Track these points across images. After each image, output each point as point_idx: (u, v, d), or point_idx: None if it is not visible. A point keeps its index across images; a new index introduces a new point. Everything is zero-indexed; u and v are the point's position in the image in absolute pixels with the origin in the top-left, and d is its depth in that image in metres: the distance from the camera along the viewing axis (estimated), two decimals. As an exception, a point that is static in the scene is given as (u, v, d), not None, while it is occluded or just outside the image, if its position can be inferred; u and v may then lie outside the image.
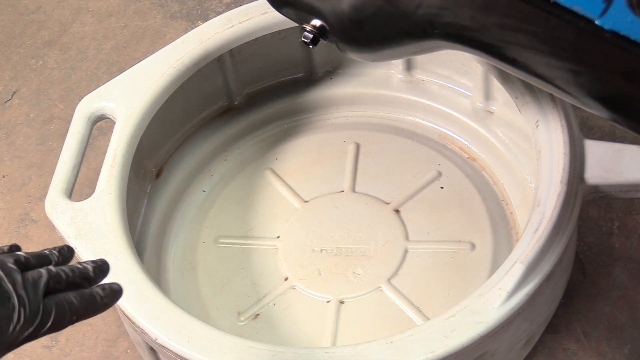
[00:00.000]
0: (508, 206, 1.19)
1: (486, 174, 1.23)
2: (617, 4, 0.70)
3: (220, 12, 1.53)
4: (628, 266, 1.18)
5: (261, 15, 1.18)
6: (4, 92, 1.48)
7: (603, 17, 0.71)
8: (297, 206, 1.21)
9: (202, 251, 1.19)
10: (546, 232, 0.93)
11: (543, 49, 0.78)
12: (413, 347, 0.88)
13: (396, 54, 0.93)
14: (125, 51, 1.52)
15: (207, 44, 1.16)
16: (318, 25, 0.92)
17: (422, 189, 1.21)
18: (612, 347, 1.12)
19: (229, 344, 0.91)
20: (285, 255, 1.16)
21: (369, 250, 1.15)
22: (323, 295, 1.12)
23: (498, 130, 1.22)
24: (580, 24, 0.72)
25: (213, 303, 1.14)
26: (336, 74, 1.31)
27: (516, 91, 1.05)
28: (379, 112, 1.31)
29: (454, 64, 1.24)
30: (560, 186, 0.96)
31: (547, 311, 1.04)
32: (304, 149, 1.28)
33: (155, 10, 1.58)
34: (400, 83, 1.29)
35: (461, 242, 1.15)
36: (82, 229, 1.01)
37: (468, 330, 0.89)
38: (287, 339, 1.09)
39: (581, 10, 0.71)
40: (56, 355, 1.18)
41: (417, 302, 1.10)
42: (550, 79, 0.81)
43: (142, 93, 1.12)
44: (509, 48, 0.81)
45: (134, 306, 0.94)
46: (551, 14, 0.73)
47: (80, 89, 1.47)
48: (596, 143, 1.02)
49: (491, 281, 0.92)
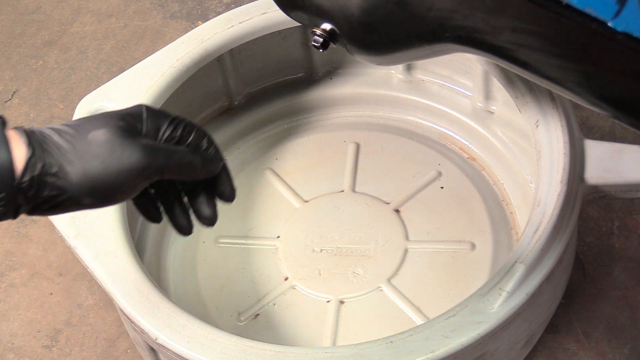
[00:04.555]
0: (508, 206, 1.19)
1: (486, 174, 1.23)
2: (631, 6, 0.69)
3: (220, 12, 1.53)
4: (628, 266, 1.19)
5: (261, 15, 1.18)
6: (4, 92, 1.48)
7: (616, 19, 0.70)
8: (297, 206, 1.21)
9: (202, 251, 1.19)
10: (546, 232, 0.93)
11: (555, 51, 0.78)
12: (413, 347, 0.88)
13: (406, 57, 0.92)
14: (125, 51, 1.52)
15: (207, 44, 1.16)
16: (328, 29, 0.92)
17: (422, 189, 1.21)
18: (612, 347, 1.12)
19: (229, 344, 0.91)
20: (285, 255, 1.16)
21: (369, 250, 1.15)
22: (323, 295, 1.12)
23: (498, 130, 1.22)
24: (592, 26, 0.72)
25: (213, 303, 1.14)
26: (336, 74, 1.31)
27: (516, 91, 1.05)
28: (379, 112, 1.31)
29: (454, 64, 1.24)
30: (560, 186, 0.96)
31: (547, 311, 1.04)
32: (304, 149, 1.28)
33: (155, 10, 1.58)
34: (400, 83, 1.29)
35: (461, 242, 1.15)
36: (82, 229, 1.01)
37: (468, 330, 0.89)
38: (287, 339, 1.09)
39: (594, 12, 0.71)
40: (56, 355, 1.18)
41: (417, 302, 1.10)
42: (562, 81, 0.81)
43: (142, 93, 1.12)
44: (520, 50, 0.81)
45: (134, 306, 0.94)
46: (563, 16, 0.73)
47: (80, 89, 1.47)
48: (596, 143, 1.02)
49: (491, 281, 0.92)
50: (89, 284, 1.24)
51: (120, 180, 0.67)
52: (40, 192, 0.65)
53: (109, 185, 0.67)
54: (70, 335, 1.20)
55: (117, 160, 0.67)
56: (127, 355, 1.17)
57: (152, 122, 0.72)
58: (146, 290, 0.95)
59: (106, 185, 0.67)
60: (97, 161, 0.66)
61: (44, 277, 1.26)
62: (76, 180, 0.66)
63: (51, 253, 1.28)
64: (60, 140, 0.66)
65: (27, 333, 1.20)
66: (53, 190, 0.65)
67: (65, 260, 1.27)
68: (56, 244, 1.28)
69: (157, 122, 0.72)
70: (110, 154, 0.66)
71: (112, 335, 1.19)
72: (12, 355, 1.19)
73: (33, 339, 1.20)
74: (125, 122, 0.69)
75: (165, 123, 0.73)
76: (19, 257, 1.28)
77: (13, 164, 0.64)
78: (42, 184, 0.65)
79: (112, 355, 1.18)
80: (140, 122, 0.71)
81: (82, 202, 0.67)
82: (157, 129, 0.72)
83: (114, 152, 0.67)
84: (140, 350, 1.08)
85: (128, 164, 0.67)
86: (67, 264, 1.26)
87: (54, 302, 1.23)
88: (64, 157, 0.65)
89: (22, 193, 0.64)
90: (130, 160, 0.67)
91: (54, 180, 0.65)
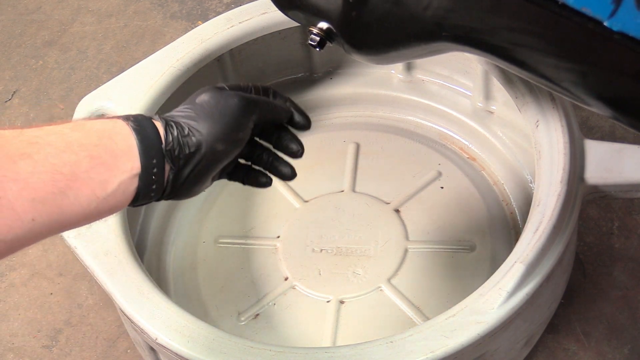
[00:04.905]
0: (508, 206, 1.19)
1: (486, 174, 1.23)
2: (626, 6, 0.69)
3: (220, 12, 1.53)
4: (628, 266, 1.19)
5: (261, 15, 1.18)
6: (4, 92, 1.48)
7: (612, 19, 0.70)
8: (297, 206, 1.21)
9: (202, 251, 1.19)
10: (546, 232, 0.93)
11: (551, 50, 0.78)
12: (413, 347, 0.88)
13: (403, 56, 0.92)
14: (125, 51, 1.52)
15: (207, 44, 1.16)
16: (325, 28, 0.92)
17: (422, 189, 1.21)
18: (612, 347, 1.12)
19: (229, 344, 0.91)
20: (285, 255, 1.16)
21: (369, 250, 1.15)
22: (323, 295, 1.12)
23: (498, 130, 1.22)
24: (589, 26, 0.72)
25: (213, 303, 1.14)
26: (336, 74, 1.31)
27: (516, 91, 1.05)
28: (379, 112, 1.31)
29: (454, 64, 1.24)
30: (560, 186, 0.96)
31: (547, 311, 1.04)
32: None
33: (155, 10, 1.58)
34: (400, 83, 1.29)
35: (461, 242, 1.15)
36: (82, 229, 1.01)
37: (468, 330, 0.89)
38: (287, 339, 1.09)
39: (590, 12, 0.71)
40: (56, 355, 1.18)
41: (417, 302, 1.11)
42: (558, 80, 0.81)
43: (142, 93, 1.12)
44: (517, 50, 0.81)
45: (134, 306, 0.94)
46: (560, 16, 0.73)
47: (80, 89, 1.47)
48: (596, 143, 1.02)
49: (491, 281, 0.92)
50: (89, 284, 1.24)
51: (235, 118, 0.81)
52: (182, 150, 0.76)
53: (230, 126, 0.80)
54: (70, 335, 1.20)
55: (224, 106, 0.81)
56: (127, 355, 1.17)
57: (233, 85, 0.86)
58: (146, 290, 0.95)
59: (228, 126, 0.80)
60: (213, 112, 0.80)
61: (44, 277, 1.26)
62: (206, 131, 0.78)
63: (51, 253, 1.28)
64: (180, 112, 0.79)
65: (27, 333, 1.20)
66: (192, 147, 0.77)
67: (65, 260, 1.27)
68: (56, 244, 1.28)
69: (236, 84, 0.86)
70: (217, 104, 0.80)
71: (112, 335, 1.19)
72: (12, 355, 1.19)
73: (33, 339, 1.20)
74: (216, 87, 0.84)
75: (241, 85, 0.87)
76: (19, 257, 1.28)
77: (159, 133, 0.76)
78: (183, 144, 0.77)
79: (112, 355, 1.18)
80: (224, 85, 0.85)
81: (217, 149, 0.79)
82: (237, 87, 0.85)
83: (219, 102, 0.81)
84: (140, 350, 1.08)
85: (234, 105, 0.81)
86: (67, 264, 1.26)
87: (54, 302, 1.23)
88: (188, 121, 0.78)
89: (169, 155, 0.76)
90: (235, 102, 0.81)
91: (188, 139, 0.77)
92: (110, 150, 0.71)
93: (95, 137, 0.71)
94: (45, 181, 0.66)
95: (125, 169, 0.72)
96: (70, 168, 0.68)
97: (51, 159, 0.67)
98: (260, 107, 0.84)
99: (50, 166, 0.66)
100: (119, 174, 0.71)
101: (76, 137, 0.70)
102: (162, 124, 0.77)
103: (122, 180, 0.71)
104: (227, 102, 0.81)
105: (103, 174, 0.70)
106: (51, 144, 0.68)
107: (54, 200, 0.66)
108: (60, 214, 0.67)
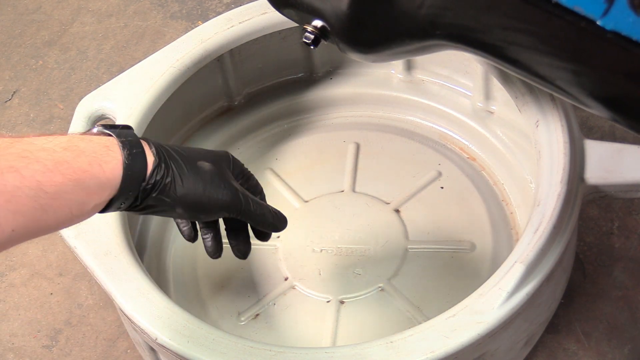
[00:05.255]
0: (508, 206, 1.19)
1: (486, 174, 1.23)
2: (619, 5, 0.70)
3: (220, 12, 1.53)
4: (628, 266, 1.18)
5: (261, 15, 1.18)
6: (4, 92, 1.48)
7: (604, 18, 0.71)
8: (297, 206, 1.21)
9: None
10: (546, 232, 0.93)
11: (544, 49, 0.78)
12: (413, 347, 0.88)
13: (397, 54, 0.93)
14: (125, 51, 1.52)
15: (207, 44, 1.16)
16: (319, 25, 0.92)
17: (422, 189, 1.21)
18: (612, 347, 1.12)
19: (229, 344, 0.91)
20: (285, 255, 1.16)
21: (369, 250, 1.15)
22: (323, 295, 1.12)
23: (498, 130, 1.22)
24: (581, 25, 0.72)
25: (213, 303, 1.14)
26: (336, 74, 1.31)
27: (516, 91, 1.05)
28: (379, 112, 1.31)
29: (454, 64, 1.24)
30: (560, 186, 0.96)
31: (547, 311, 1.04)
32: (304, 149, 1.28)
33: (155, 10, 1.58)
34: (400, 83, 1.29)
35: (461, 242, 1.15)
36: (82, 229, 1.01)
37: (468, 330, 0.89)
38: (287, 339, 1.09)
39: (583, 11, 0.71)
40: (56, 355, 1.18)
41: (417, 302, 1.10)
42: (552, 80, 0.81)
43: (142, 93, 1.12)
44: (510, 48, 0.81)
45: (134, 306, 0.94)
46: (552, 15, 0.73)
47: (80, 89, 1.47)
48: (596, 143, 1.02)
49: (491, 281, 0.92)
50: (89, 284, 1.24)
51: (211, 205, 0.83)
52: (154, 191, 0.79)
53: (200, 207, 0.82)
54: (70, 335, 1.20)
55: (214, 189, 0.82)
56: (127, 355, 1.17)
57: (236, 168, 0.88)
58: (146, 290, 0.95)
59: (198, 205, 0.82)
60: (199, 185, 0.81)
61: (44, 277, 1.26)
62: (180, 193, 0.80)
63: (51, 253, 1.28)
64: (178, 157, 0.81)
65: (27, 333, 1.20)
66: (164, 195, 0.79)
67: (65, 260, 1.27)
68: (56, 244, 1.28)
69: (239, 168, 0.88)
70: (210, 182, 0.82)
71: (112, 335, 1.19)
72: (12, 355, 1.19)
73: (33, 339, 1.20)
74: (223, 162, 0.86)
75: (243, 171, 0.89)
76: (19, 257, 1.28)
77: (146, 170, 0.78)
78: (160, 189, 0.79)
79: (112, 355, 1.18)
80: (229, 166, 0.87)
81: (175, 211, 0.81)
82: (238, 175, 0.88)
83: (213, 182, 0.82)
84: (140, 350, 1.08)
85: (221, 196, 0.83)
86: (67, 264, 1.26)
87: (54, 302, 1.23)
88: (177, 171, 0.80)
89: (143, 191, 0.78)
90: (224, 193, 0.83)
91: (165, 188, 0.79)
92: (97, 180, 0.74)
93: (86, 162, 0.73)
94: (29, 196, 0.68)
95: (104, 196, 0.76)
96: (55, 188, 0.70)
97: (38, 177, 0.69)
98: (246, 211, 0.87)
99: (36, 183, 0.68)
100: (97, 199, 0.75)
101: (67, 157, 0.71)
102: (154, 160, 0.79)
103: (98, 203, 0.76)
104: (219, 187, 0.83)
105: (84, 197, 0.73)
106: (40, 160, 0.69)
107: (34, 214, 0.69)
108: (37, 227, 0.70)
